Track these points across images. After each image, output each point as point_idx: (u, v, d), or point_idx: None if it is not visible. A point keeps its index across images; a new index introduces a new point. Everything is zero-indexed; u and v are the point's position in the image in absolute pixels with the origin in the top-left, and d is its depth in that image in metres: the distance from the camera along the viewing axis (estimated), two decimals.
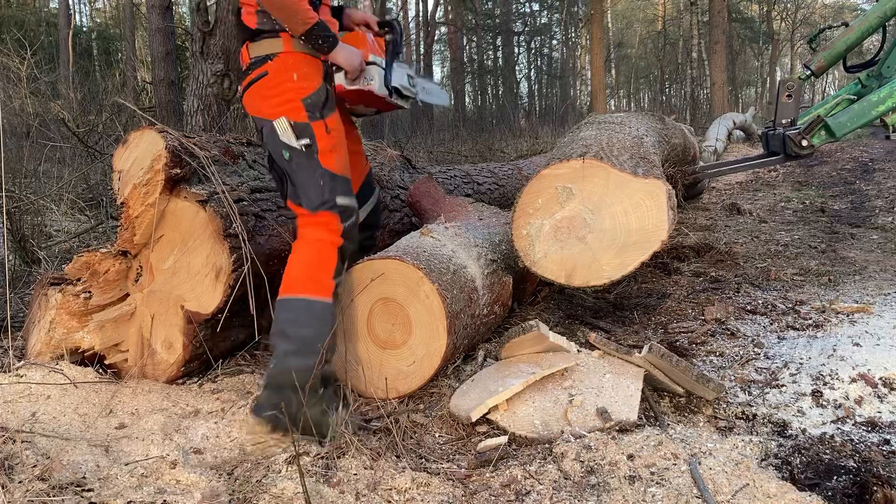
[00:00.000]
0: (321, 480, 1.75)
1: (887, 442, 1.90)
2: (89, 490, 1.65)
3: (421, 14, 22.96)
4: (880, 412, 2.07)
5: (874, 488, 1.63)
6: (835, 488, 1.69)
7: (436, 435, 2.08)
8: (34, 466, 1.68)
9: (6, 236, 3.74)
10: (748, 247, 4.43)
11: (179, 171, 2.42)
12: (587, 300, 3.33)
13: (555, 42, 31.53)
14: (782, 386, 2.30)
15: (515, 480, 1.75)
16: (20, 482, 1.61)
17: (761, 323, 2.93)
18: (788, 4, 30.48)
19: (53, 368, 2.28)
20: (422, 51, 21.32)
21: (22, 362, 2.35)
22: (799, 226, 5.12)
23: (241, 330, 2.53)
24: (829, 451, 1.84)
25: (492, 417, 2.07)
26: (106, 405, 2.18)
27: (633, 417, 2.00)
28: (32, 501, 1.55)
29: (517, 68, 29.26)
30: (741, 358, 2.56)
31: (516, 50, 29.42)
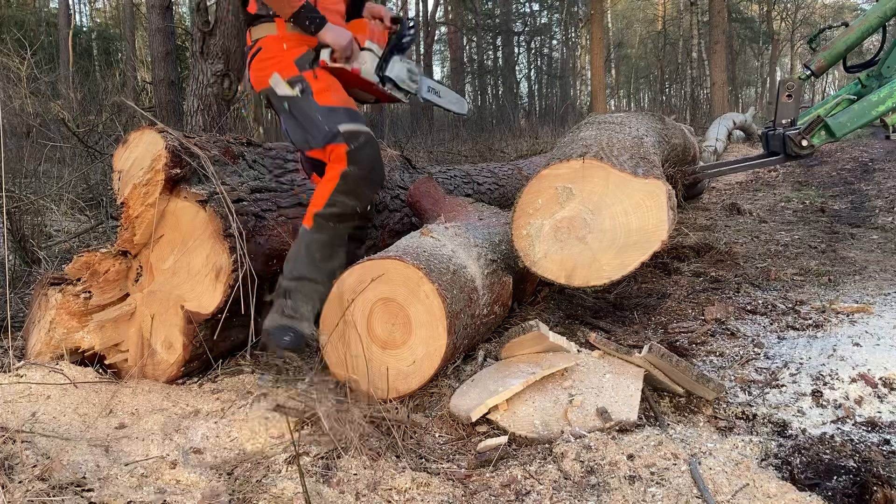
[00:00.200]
0: (321, 480, 1.75)
1: (887, 442, 1.90)
2: (89, 490, 1.65)
3: (421, 14, 22.97)
4: (880, 412, 2.07)
5: (874, 488, 1.63)
6: (835, 488, 1.69)
7: (436, 435, 2.08)
8: (34, 466, 1.68)
9: (6, 236, 3.74)
10: (748, 247, 4.43)
11: (179, 171, 2.42)
12: (587, 300, 3.33)
13: (555, 42, 31.56)
14: (782, 386, 2.30)
15: (515, 480, 1.75)
16: (20, 482, 1.61)
17: (761, 323, 2.93)
18: (788, 4, 30.49)
19: (53, 368, 2.28)
20: (422, 51, 21.34)
21: (22, 362, 2.35)
22: (799, 226, 5.12)
23: (241, 330, 2.53)
24: (829, 451, 1.84)
25: (492, 417, 2.07)
26: (106, 405, 2.18)
27: (633, 417, 2.00)
28: (32, 501, 1.55)
29: (517, 68, 29.28)
30: (741, 358, 2.56)
31: (516, 50, 29.44)
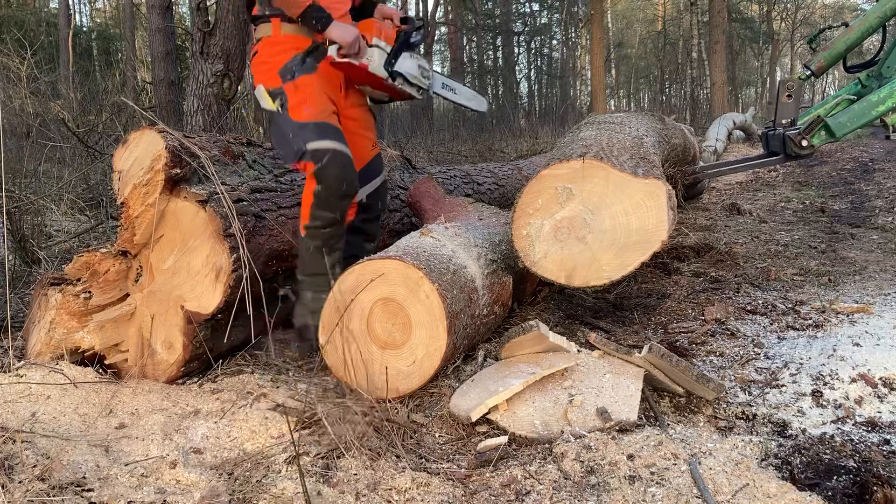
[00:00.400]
0: (321, 480, 1.75)
1: (887, 442, 1.90)
2: (89, 490, 1.65)
3: (421, 14, 22.98)
4: (880, 412, 2.07)
5: (874, 488, 1.63)
6: (835, 488, 1.69)
7: (436, 435, 2.08)
8: (34, 466, 1.68)
9: (6, 236, 3.74)
10: (748, 247, 4.43)
11: (179, 171, 2.42)
12: (587, 300, 3.33)
13: (555, 42, 31.55)
14: (782, 386, 2.30)
15: (515, 480, 1.75)
16: (20, 482, 1.61)
17: (761, 323, 2.93)
18: (788, 4, 30.49)
19: (53, 368, 2.28)
20: (422, 51, 21.30)
21: (22, 362, 2.35)
22: (799, 226, 5.12)
23: (241, 330, 2.53)
24: (829, 451, 1.84)
25: (492, 417, 2.07)
26: (106, 405, 2.18)
27: (633, 417, 2.00)
28: (32, 501, 1.55)
29: (517, 68, 29.27)
30: (741, 358, 2.56)
31: (516, 50, 29.43)
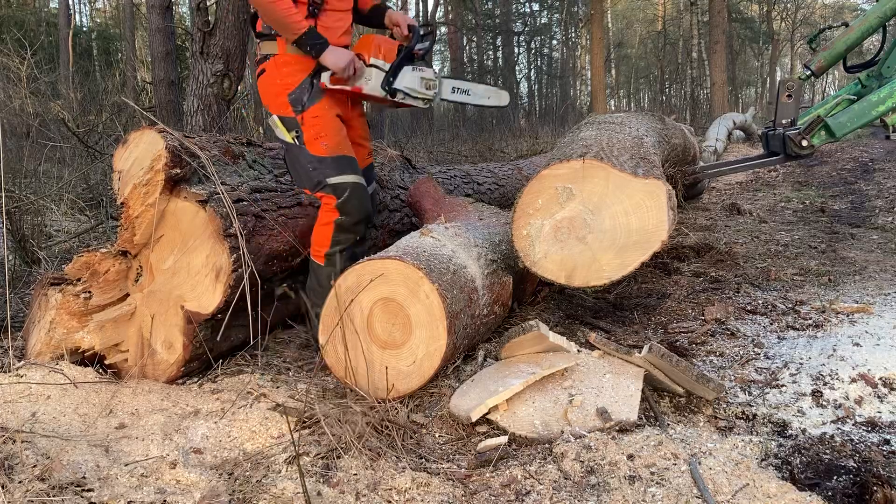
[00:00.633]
0: (321, 480, 1.75)
1: (887, 442, 1.90)
2: (89, 490, 1.65)
3: (421, 14, 22.98)
4: (880, 412, 2.07)
5: (874, 488, 1.63)
6: (835, 488, 1.69)
7: (436, 435, 2.08)
8: (34, 466, 1.68)
9: (6, 236, 3.74)
10: (748, 247, 4.43)
11: (179, 171, 2.42)
12: (587, 300, 3.33)
13: (555, 42, 31.53)
14: (782, 386, 2.30)
15: (515, 480, 1.75)
16: (20, 482, 1.61)
17: (761, 323, 2.93)
18: (788, 4, 30.48)
19: (53, 368, 2.28)
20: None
21: (22, 362, 2.35)
22: (799, 226, 5.12)
23: (241, 330, 2.53)
24: (829, 451, 1.84)
25: (492, 417, 2.07)
26: (106, 405, 2.18)
27: (633, 417, 2.00)
28: (32, 501, 1.55)
29: (517, 68, 29.24)
30: (741, 358, 2.56)
31: (516, 50, 29.41)
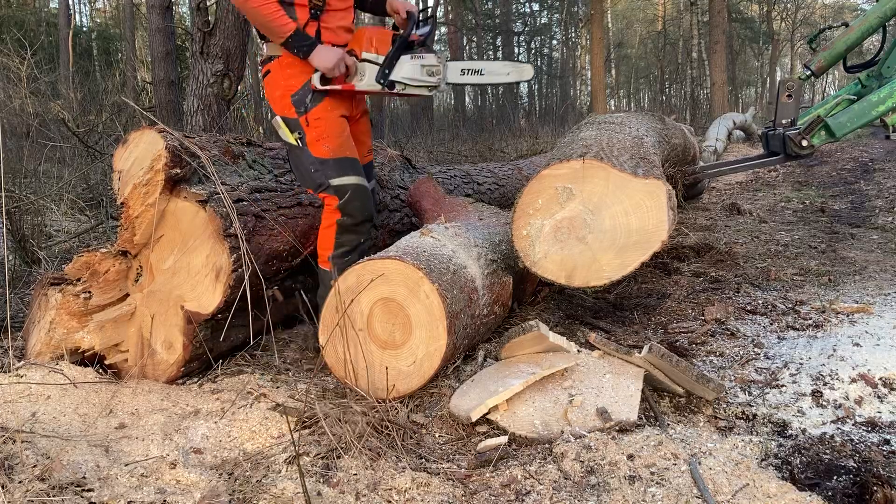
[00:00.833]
0: (321, 480, 1.75)
1: (887, 442, 1.90)
2: (89, 490, 1.65)
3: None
4: (880, 412, 2.07)
5: (874, 488, 1.63)
6: (835, 488, 1.69)
7: (436, 435, 2.08)
8: (34, 466, 1.68)
9: (6, 236, 3.74)
10: (748, 247, 4.43)
11: (179, 171, 2.42)
12: (587, 300, 3.33)
13: (555, 42, 31.52)
14: (782, 386, 2.30)
15: (515, 480, 1.75)
16: (20, 482, 1.61)
17: (761, 323, 2.93)
18: (788, 4, 30.47)
19: (53, 368, 2.28)
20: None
21: (22, 362, 2.35)
22: (799, 226, 5.12)
23: (241, 330, 2.53)
24: (829, 451, 1.84)
25: (492, 417, 2.07)
26: (106, 405, 2.18)
27: (633, 417, 2.00)
28: (32, 501, 1.55)
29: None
30: (741, 358, 2.56)
31: (516, 50, 29.40)
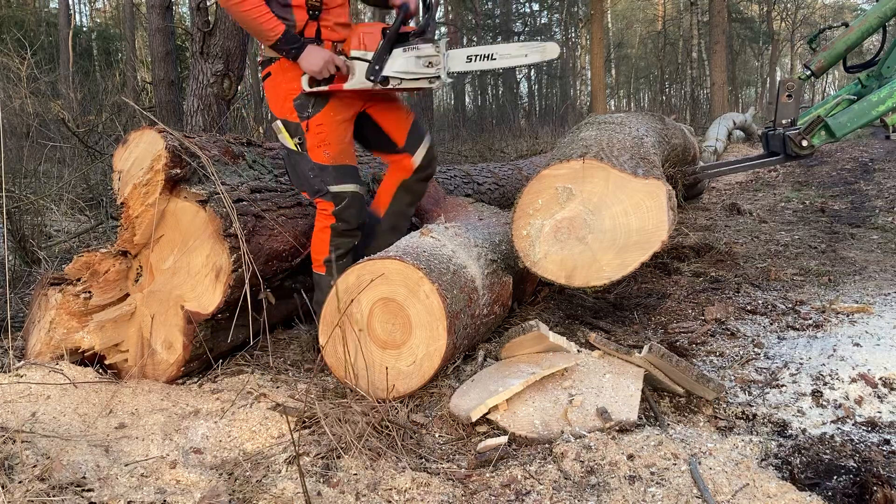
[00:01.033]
0: (321, 480, 1.75)
1: (887, 442, 1.90)
2: (89, 490, 1.65)
3: (421, 16, 22.95)
4: (880, 412, 2.07)
5: (874, 488, 1.63)
6: (835, 488, 1.69)
7: (436, 435, 2.08)
8: (34, 466, 1.68)
9: (6, 236, 3.74)
10: (748, 247, 4.43)
11: (179, 171, 2.42)
12: (587, 300, 3.33)
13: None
14: (782, 386, 2.30)
15: (515, 480, 1.75)
16: (20, 482, 1.61)
17: (761, 323, 2.93)
18: (788, 4, 30.45)
19: (53, 368, 2.28)
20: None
21: (22, 362, 2.35)
22: (799, 226, 5.12)
23: (241, 330, 2.53)
24: (829, 451, 1.84)
25: (492, 417, 2.07)
26: (106, 405, 2.18)
27: (633, 417, 2.00)
28: (32, 501, 1.55)
29: (517, 68, 29.21)
30: (741, 358, 2.56)
31: None
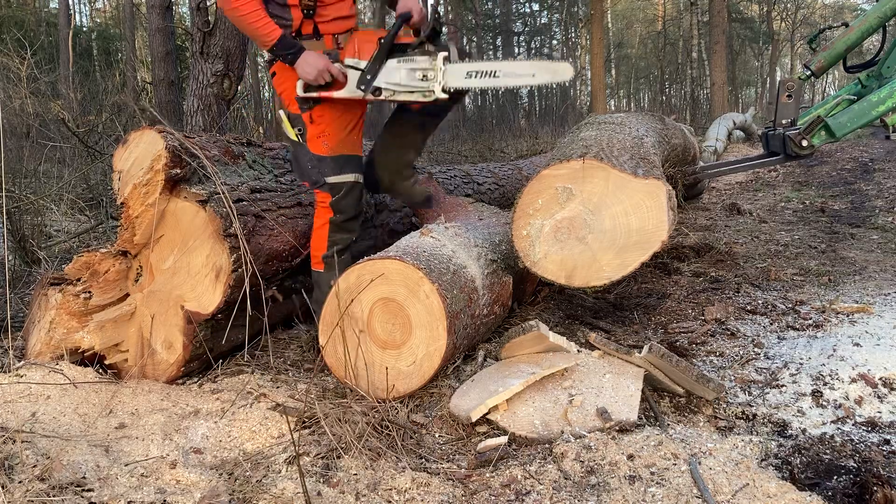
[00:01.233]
0: (321, 480, 1.75)
1: (887, 442, 1.90)
2: (89, 490, 1.65)
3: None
4: (880, 412, 2.07)
5: (874, 488, 1.63)
6: (835, 488, 1.69)
7: (436, 435, 2.08)
8: (34, 466, 1.68)
9: (6, 236, 3.74)
10: (748, 247, 4.43)
11: (179, 171, 2.42)
12: (587, 300, 3.33)
13: (555, 42, 31.50)
14: (782, 386, 2.30)
15: (515, 480, 1.75)
16: (20, 482, 1.61)
17: (761, 323, 2.93)
18: (788, 4, 30.45)
19: (53, 368, 2.28)
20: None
21: (22, 362, 2.35)
22: (799, 226, 5.12)
23: (241, 330, 2.53)
24: (829, 451, 1.84)
25: (492, 417, 2.07)
26: (106, 405, 2.18)
27: (633, 417, 2.00)
28: (32, 501, 1.55)
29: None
30: (741, 358, 2.56)
31: (516, 50, 29.40)
